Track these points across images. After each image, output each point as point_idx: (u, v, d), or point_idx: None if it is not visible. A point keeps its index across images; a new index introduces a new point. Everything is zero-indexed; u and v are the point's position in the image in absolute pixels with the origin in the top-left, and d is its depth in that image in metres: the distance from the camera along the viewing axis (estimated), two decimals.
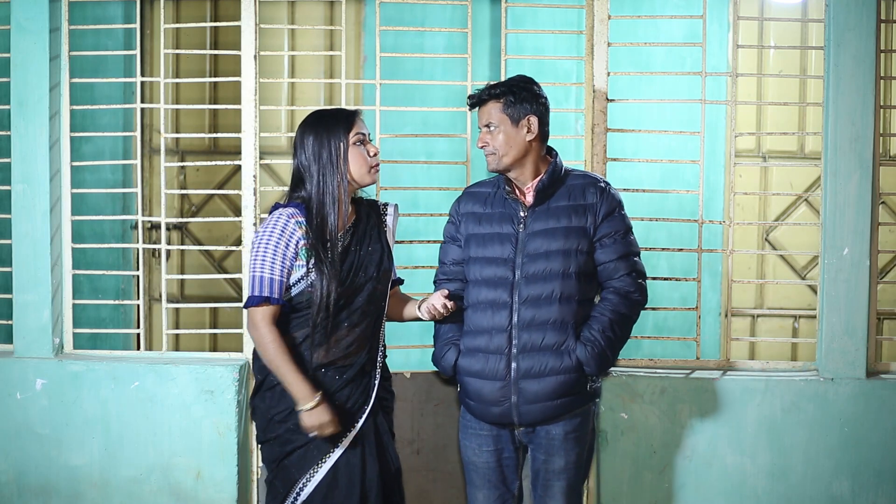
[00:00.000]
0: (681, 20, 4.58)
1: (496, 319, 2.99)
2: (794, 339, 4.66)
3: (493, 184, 3.12)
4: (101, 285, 4.62)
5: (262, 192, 3.74)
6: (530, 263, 2.97)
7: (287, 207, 2.88)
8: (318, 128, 2.90)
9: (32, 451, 3.66)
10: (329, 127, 2.90)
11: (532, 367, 2.96)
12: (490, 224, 3.04)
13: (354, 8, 4.95)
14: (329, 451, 2.89)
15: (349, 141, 2.89)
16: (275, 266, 2.82)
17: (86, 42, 4.21)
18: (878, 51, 3.53)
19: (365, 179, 2.93)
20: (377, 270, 2.95)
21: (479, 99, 3.02)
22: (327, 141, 2.88)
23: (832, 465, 3.55)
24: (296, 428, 2.87)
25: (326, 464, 2.88)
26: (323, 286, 2.83)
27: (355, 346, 2.91)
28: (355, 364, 2.91)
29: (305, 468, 2.89)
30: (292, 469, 2.90)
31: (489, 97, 3.00)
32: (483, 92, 3.02)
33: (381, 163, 3.05)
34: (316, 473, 2.88)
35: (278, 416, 2.91)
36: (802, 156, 5.16)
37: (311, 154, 2.89)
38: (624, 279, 3.02)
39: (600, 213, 3.01)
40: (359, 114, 2.96)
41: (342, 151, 2.88)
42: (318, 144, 2.88)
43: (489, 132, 3.00)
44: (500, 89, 3.01)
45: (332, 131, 2.89)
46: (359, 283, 2.90)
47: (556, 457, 3.05)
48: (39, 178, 3.64)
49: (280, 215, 2.86)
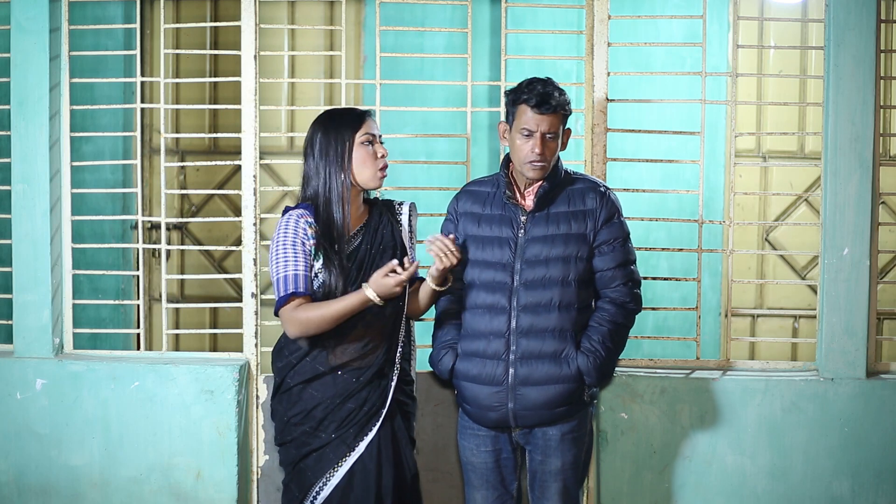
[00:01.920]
0: (681, 20, 4.59)
1: (494, 324, 2.97)
2: (794, 339, 4.66)
3: (492, 183, 3.08)
4: (101, 285, 4.62)
5: (262, 192, 3.74)
6: (529, 269, 2.95)
7: (296, 209, 2.88)
8: (327, 126, 2.89)
9: (32, 451, 3.66)
10: (337, 125, 2.89)
11: (531, 375, 2.95)
12: (489, 226, 3.01)
13: (354, 8, 4.95)
14: (346, 455, 2.87)
15: (356, 140, 2.87)
16: (296, 262, 2.81)
17: (86, 42, 4.21)
18: (878, 51, 3.53)
19: (369, 182, 2.90)
20: None
21: (554, 108, 2.90)
22: (334, 139, 2.87)
23: (832, 465, 3.55)
24: (312, 430, 2.87)
25: (343, 468, 2.86)
26: (332, 284, 2.82)
27: (371, 346, 2.89)
28: (373, 365, 2.89)
29: (321, 472, 2.87)
30: (308, 472, 2.88)
31: (561, 108, 2.91)
32: (557, 101, 2.90)
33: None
34: (332, 477, 2.86)
35: (295, 419, 2.89)
36: (802, 156, 5.16)
37: (318, 152, 2.88)
38: (620, 289, 3.01)
39: (600, 219, 2.99)
40: (369, 114, 2.93)
41: (347, 150, 2.87)
42: (325, 143, 2.88)
43: (549, 141, 2.91)
44: (566, 100, 2.93)
45: (340, 130, 2.87)
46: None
47: (552, 458, 3.04)
48: (39, 178, 3.64)
49: (290, 217, 2.86)
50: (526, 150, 2.92)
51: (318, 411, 2.87)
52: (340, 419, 2.87)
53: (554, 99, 2.90)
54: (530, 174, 2.94)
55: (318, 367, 2.87)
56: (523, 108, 2.92)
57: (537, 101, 2.89)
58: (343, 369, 2.87)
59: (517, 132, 2.94)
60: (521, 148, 2.93)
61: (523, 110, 2.92)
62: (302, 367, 2.89)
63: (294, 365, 2.90)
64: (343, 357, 2.87)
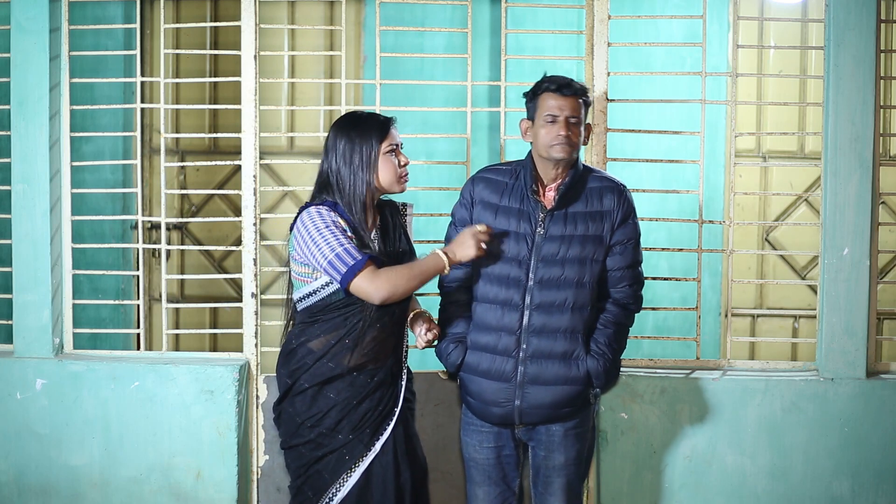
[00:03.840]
0: (681, 20, 4.59)
1: (506, 320, 2.97)
2: (794, 339, 4.67)
3: (510, 172, 3.04)
4: (101, 285, 4.62)
5: (262, 192, 3.74)
6: (545, 268, 2.94)
7: (319, 205, 2.84)
8: (351, 132, 2.87)
9: (32, 451, 3.66)
10: (362, 132, 2.87)
11: (540, 374, 2.95)
12: (507, 219, 2.98)
13: (354, 8, 4.95)
14: (363, 456, 2.86)
15: (381, 150, 2.86)
16: (340, 239, 2.76)
17: (86, 42, 4.22)
18: (878, 51, 3.53)
19: (394, 188, 2.91)
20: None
21: (575, 91, 2.95)
22: (359, 146, 2.85)
23: (832, 465, 3.55)
24: (328, 432, 2.85)
25: (360, 468, 2.86)
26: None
27: (385, 346, 2.89)
28: (386, 366, 2.89)
29: (338, 473, 2.86)
30: (325, 474, 2.87)
31: (582, 93, 2.96)
32: (578, 86, 2.95)
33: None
34: (349, 478, 2.85)
35: (310, 421, 2.87)
36: (802, 156, 5.16)
37: (342, 157, 2.86)
38: (625, 290, 3.03)
39: (617, 220, 2.99)
40: (393, 122, 2.92)
41: (373, 158, 2.85)
42: (350, 149, 2.85)
43: (573, 125, 2.94)
44: (587, 89, 2.99)
45: (365, 137, 2.86)
46: None
47: (556, 453, 3.04)
48: (39, 178, 3.64)
49: (319, 209, 2.82)
50: (553, 134, 2.93)
51: (334, 413, 2.85)
52: (356, 420, 2.86)
53: (573, 82, 2.96)
54: (557, 155, 2.93)
55: (335, 368, 2.85)
56: (545, 97, 2.95)
57: (559, 84, 2.94)
58: (359, 370, 2.86)
59: (541, 120, 2.95)
60: (546, 134, 2.94)
61: (545, 98, 2.95)
62: (317, 368, 2.86)
63: (309, 367, 2.87)
64: (361, 358, 2.85)
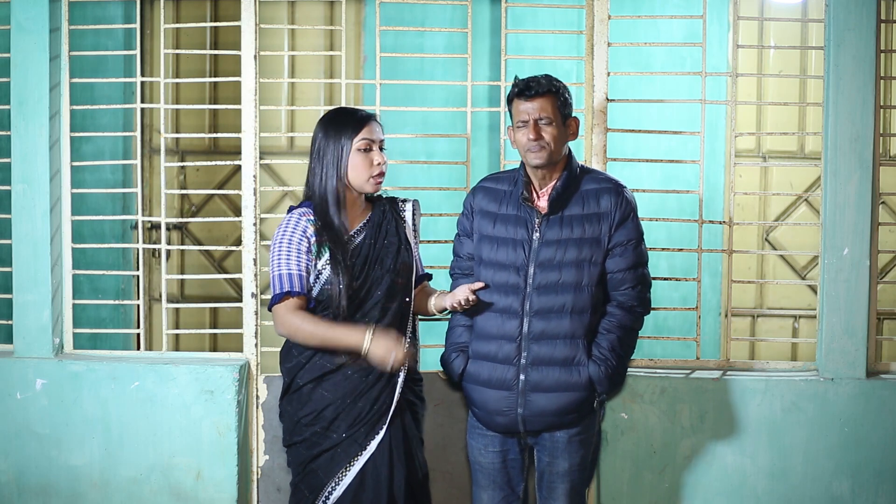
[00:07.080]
0: (681, 20, 4.58)
1: (506, 328, 2.96)
2: (794, 339, 4.67)
3: (509, 180, 3.05)
4: (101, 285, 4.62)
5: (262, 192, 3.74)
6: (542, 273, 2.94)
7: (300, 207, 2.91)
8: (329, 128, 2.91)
9: (32, 451, 3.66)
10: (337, 128, 2.89)
11: (542, 381, 2.94)
12: (504, 227, 2.99)
13: (354, 8, 4.95)
14: (357, 455, 2.87)
15: (353, 146, 2.87)
16: (290, 261, 2.83)
17: (86, 42, 4.21)
18: (878, 51, 3.53)
19: (364, 187, 2.91)
20: (394, 263, 2.92)
21: (538, 91, 2.92)
22: (333, 142, 2.88)
23: (832, 465, 3.55)
24: (323, 430, 2.87)
25: (354, 467, 2.86)
26: (337, 281, 2.83)
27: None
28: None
29: (333, 472, 2.87)
30: (320, 472, 2.88)
31: (548, 91, 2.92)
32: (543, 84, 2.92)
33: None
34: (344, 477, 2.86)
35: (305, 419, 2.89)
36: (802, 156, 5.16)
37: (318, 152, 2.90)
38: (628, 292, 3.00)
39: (615, 222, 2.97)
40: (370, 119, 2.92)
41: (343, 155, 2.87)
42: (324, 145, 2.89)
43: (544, 126, 2.92)
44: (557, 85, 2.95)
45: (339, 134, 2.88)
46: (375, 276, 2.89)
47: (560, 459, 3.04)
48: (39, 178, 3.64)
49: (292, 216, 2.90)
50: (524, 140, 2.93)
51: (329, 411, 2.87)
52: (352, 419, 2.87)
53: (536, 83, 2.93)
54: (532, 161, 2.94)
55: (326, 364, 2.87)
56: (515, 102, 2.97)
57: (520, 88, 2.95)
58: (350, 367, 2.87)
59: (515, 127, 2.97)
60: (520, 139, 2.95)
61: (515, 104, 2.97)
62: (311, 365, 2.89)
63: (303, 364, 2.90)
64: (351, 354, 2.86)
